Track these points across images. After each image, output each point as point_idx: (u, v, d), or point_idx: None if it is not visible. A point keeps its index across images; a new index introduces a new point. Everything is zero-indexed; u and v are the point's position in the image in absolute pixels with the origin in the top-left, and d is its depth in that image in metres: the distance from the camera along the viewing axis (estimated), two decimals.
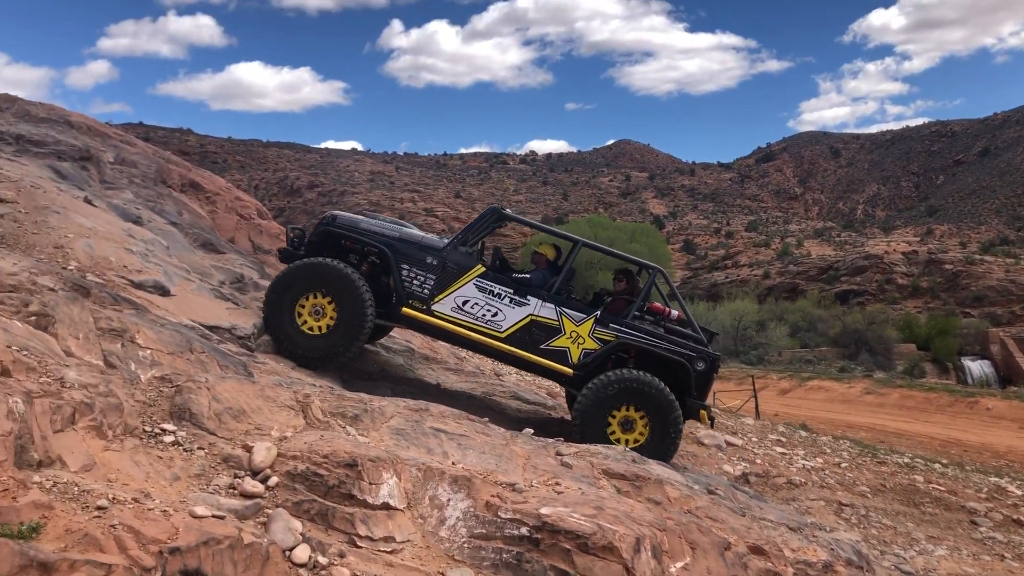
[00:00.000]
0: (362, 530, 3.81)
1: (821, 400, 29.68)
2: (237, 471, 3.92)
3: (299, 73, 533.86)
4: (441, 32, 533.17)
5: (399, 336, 11.00)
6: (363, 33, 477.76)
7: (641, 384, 7.40)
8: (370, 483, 3.98)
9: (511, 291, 7.70)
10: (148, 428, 4.07)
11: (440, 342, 11.88)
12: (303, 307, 7.58)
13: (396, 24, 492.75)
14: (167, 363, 5.25)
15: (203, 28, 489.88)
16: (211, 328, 6.81)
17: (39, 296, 4.94)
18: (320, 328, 7.55)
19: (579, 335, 7.70)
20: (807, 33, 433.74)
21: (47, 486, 3.08)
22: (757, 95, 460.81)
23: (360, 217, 8.30)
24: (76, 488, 3.15)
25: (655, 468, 5.49)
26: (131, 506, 3.15)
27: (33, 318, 4.71)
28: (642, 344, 7.67)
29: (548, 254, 8.35)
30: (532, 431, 6.33)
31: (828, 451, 12.43)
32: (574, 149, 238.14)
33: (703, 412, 7.75)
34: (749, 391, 24.72)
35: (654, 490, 5.06)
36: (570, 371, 7.72)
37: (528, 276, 8.00)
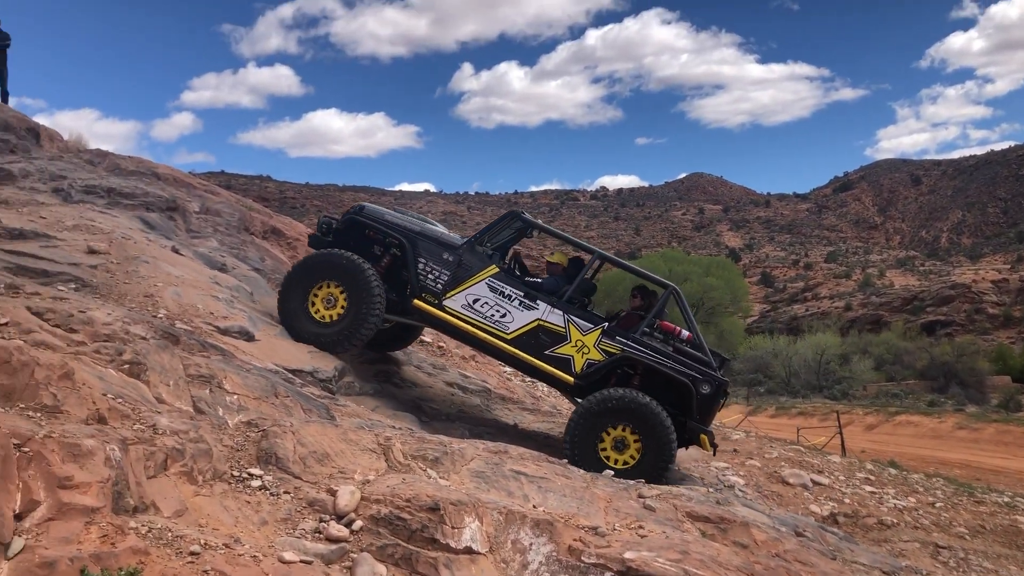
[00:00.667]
0: (445, 575, 3.81)
1: (910, 436, 28.53)
2: (322, 515, 3.97)
3: (373, 119, 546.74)
4: (511, 73, 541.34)
5: (475, 376, 11.04)
6: (435, 78, 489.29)
7: (635, 403, 7.27)
8: (452, 527, 3.98)
9: (522, 294, 7.76)
10: (236, 473, 4.16)
11: (515, 382, 11.89)
12: (317, 295, 7.89)
13: (467, 67, 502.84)
14: (253, 408, 5.37)
15: (281, 78, 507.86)
16: (294, 372, 6.96)
17: (132, 345, 5.13)
18: (330, 317, 7.84)
19: (584, 344, 7.66)
20: (882, 60, 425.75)
21: (143, 531, 3.16)
22: (832, 124, 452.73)
23: (387, 210, 8.55)
24: (170, 533, 3.23)
25: (740, 510, 5.36)
26: (222, 551, 3.21)
27: (126, 366, 4.89)
28: (646, 360, 7.57)
29: (561, 262, 8.42)
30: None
31: (920, 490, 11.94)
32: (645, 183, 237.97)
33: (704, 437, 7.58)
34: (834, 427, 23.98)
35: (740, 533, 4.93)
36: (571, 379, 7.69)
37: (540, 281, 8.06)
